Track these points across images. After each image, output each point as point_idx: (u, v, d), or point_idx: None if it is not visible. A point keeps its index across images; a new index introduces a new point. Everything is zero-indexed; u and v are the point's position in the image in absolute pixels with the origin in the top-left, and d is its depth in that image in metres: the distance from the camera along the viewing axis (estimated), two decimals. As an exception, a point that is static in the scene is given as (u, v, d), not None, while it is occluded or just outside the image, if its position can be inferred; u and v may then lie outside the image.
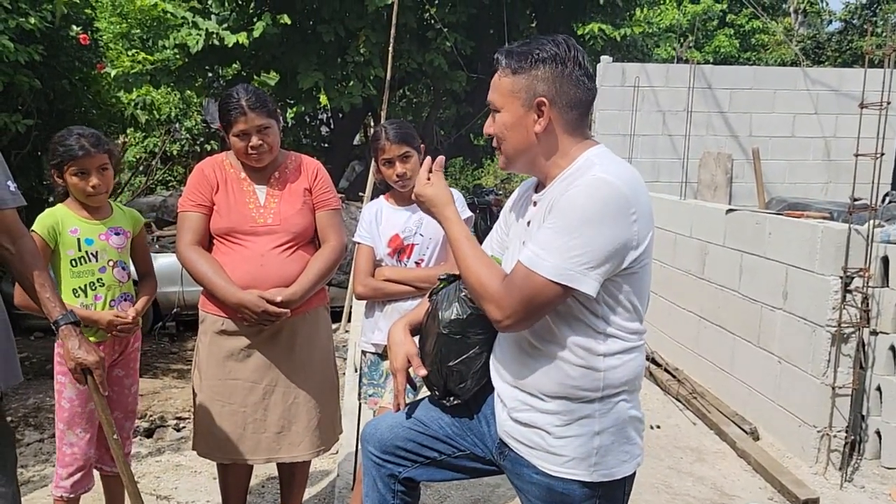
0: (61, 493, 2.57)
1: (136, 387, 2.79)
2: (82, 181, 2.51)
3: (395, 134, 2.65)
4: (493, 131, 1.71)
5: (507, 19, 9.74)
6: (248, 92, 2.50)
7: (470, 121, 11.94)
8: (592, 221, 1.50)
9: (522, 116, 1.65)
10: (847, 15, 15.71)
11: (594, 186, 1.52)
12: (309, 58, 8.95)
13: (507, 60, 1.66)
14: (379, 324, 2.72)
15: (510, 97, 1.65)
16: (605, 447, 1.63)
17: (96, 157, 2.51)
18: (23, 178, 5.71)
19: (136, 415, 2.87)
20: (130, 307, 2.64)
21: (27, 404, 4.51)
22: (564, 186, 1.59)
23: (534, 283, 1.52)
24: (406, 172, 2.65)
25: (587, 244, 1.50)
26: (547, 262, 1.51)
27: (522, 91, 1.63)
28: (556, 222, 1.53)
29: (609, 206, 1.51)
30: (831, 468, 3.67)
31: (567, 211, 1.52)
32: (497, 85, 1.68)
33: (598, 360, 1.60)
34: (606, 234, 1.51)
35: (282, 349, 2.60)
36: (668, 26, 17.39)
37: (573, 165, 1.64)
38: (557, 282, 1.51)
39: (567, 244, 1.50)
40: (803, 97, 7.94)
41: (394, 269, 2.71)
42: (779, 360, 4.02)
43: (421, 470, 1.92)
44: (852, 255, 3.58)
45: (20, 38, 4.88)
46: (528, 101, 1.63)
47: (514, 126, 1.66)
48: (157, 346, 6.08)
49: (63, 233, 2.53)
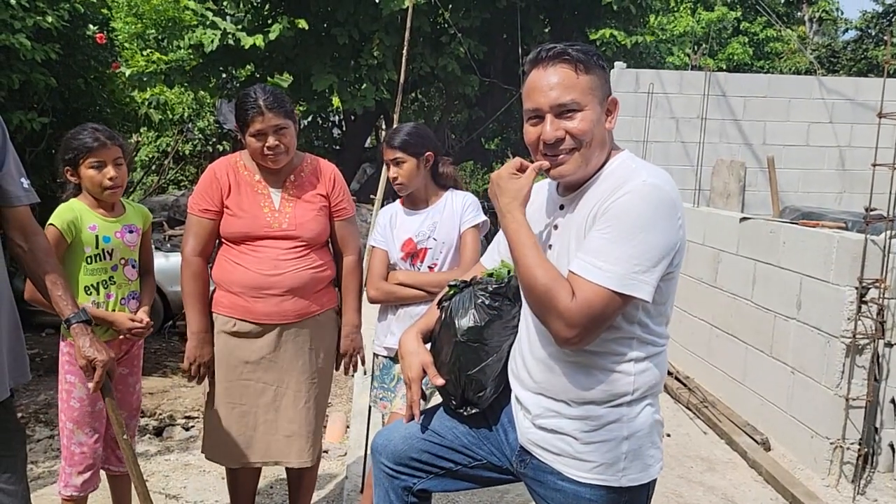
0: (71, 492, 2.56)
1: (139, 385, 2.79)
2: (99, 173, 2.50)
3: (393, 139, 2.69)
4: (578, 130, 1.58)
5: (520, 24, 9.74)
6: (266, 92, 2.49)
7: (482, 125, 11.93)
8: (648, 228, 1.49)
9: (601, 115, 1.61)
10: (863, 23, 15.63)
11: (646, 192, 1.51)
12: (323, 60, 8.98)
13: (583, 58, 1.59)
14: (392, 328, 2.72)
15: (590, 95, 1.59)
16: (633, 452, 1.61)
17: (112, 148, 2.52)
18: (37, 176, 5.74)
19: (139, 412, 2.87)
20: (137, 306, 2.65)
21: (38, 400, 4.53)
22: (607, 190, 1.56)
23: (598, 295, 1.48)
24: (397, 177, 2.68)
25: (645, 251, 1.49)
26: (609, 273, 1.47)
27: (598, 89, 1.60)
28: (611, 230, 1.50)
29: (661, 212, 1.50)
30: (844, 481, 3.64)
31: (623, 218, 1.50)
32: (575, 83, 1.58)
33: (629, 365, 1.59)
34: (661, 239, 1.50)
35: (294, 351, 2.59)
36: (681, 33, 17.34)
37: (608, 167, 1.63)
38: (621, 292, 1.48)
39: (626, 252, 1.48)
40: (818, 106, 7.90)
41: (407, 273, 2.71)
42: (792, 370, 3.99)
43: (436, 481, 1.90)
44: (868, 266, 3.55)
45: (37, 36, 4.90)
46: (602, 99, 1.61)
47: (597, 124, 1.60)
48: (166, 345, 6.10)
49: (83, 229, 2.51)
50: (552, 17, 11.03)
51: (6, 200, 1.89)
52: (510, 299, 1.79)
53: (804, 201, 7.69)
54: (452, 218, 2.71)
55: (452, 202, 2.75)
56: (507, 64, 11.19)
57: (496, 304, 1.77)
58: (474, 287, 1.80)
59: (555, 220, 1.70)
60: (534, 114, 1.63)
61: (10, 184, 1.88)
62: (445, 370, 1.81)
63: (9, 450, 1.87)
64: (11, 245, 1.96)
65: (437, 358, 1.84)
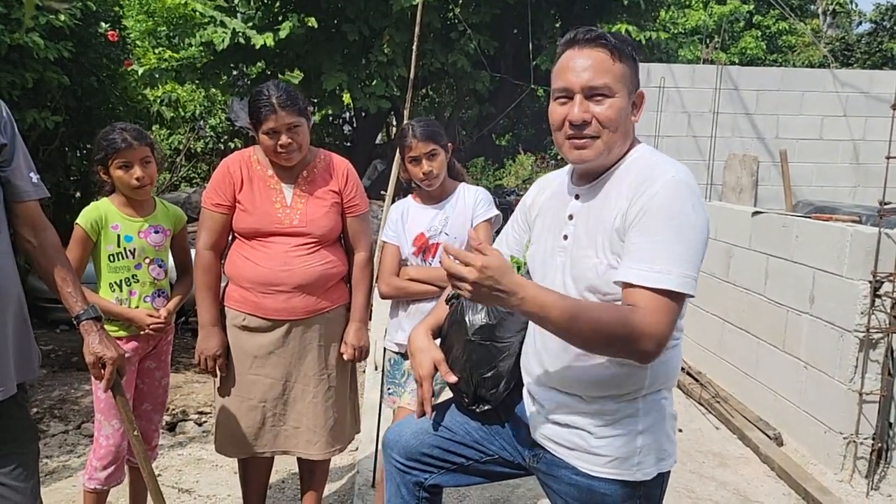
0: (95, 485, 2.59)
1: (166, 379, 2.82)
2: (126, 174, 2.56)
3: (421, 132, 2.62)
4: (605, 116, 1.56)
5: (531, 20, 9.71)
6: (280, 89, 2.48)
7: (492, 121, 11.91)
8: (690, 224, 1.50)
9: (628, 105, 1.60)
10: (877, 16, 15.47)
11: (678, 189, 1.51)
12: (333, 57, 8.98)
13: (615, 44, 1.57)
14: (402, 324, 2.71)
15: (622, 83, 1.57)
16: (648, 445, 1.60)
17: (139, 149, 2.56)
18: (50, 174, 5.79)
19: (164, 407, 2.89)
20: (164, 303, 2.68)
21: (52, 396, 4.57)
22: (632, 185, 1.55)
23: (666, 300, 1.46)
24: (432, 170, 2.62)
25: (693, 248, 1.50)
26: (669, 276, 1.46)
27: (629, 80, 1.59)
28: (658, 232, 1.49)
29: (696, 206, 1.52)
30: (857, 476, 3.61)
31: (666, 218, 1.49)
32: (609, 68, 1.56)
33: None
34: (701, 233, 1.52)
35: (303, 346, 2.60)
36: (693, 28, 17.22)
37: (628, 158, 1.62)
38: (682, 292, 1.47)
39: (678, 252, 1.48)
40: (832, 99, 7.83)
41: (418, 268, 2.70)
42: (805, 365, 3.96)
43: (447, 476, 1.90)
44: (882, 260, 3.52)
45: (50, 34, 4.94)
46: (632, 91, 1.60)
47: (625, 114, 1.59)
48: (180, 341, 6.13)
49: (106, 228, 2.58)
50: (563, 13, 10.99)
51: (16, 195, 1.89)
52: None
53: (818, 195, 7.63)
54: (465, 212, 2.69)
55: (465, 196, 2.72)
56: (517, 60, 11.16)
57: None
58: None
59: (569, 210, 1.68)
60: (563, 94, 1.60)
61: (19, 178, 1.88)
62: (457, 368, 1.80)
63: (19, 446, 1.86)
64: (21, 241, 1.96)
65: (448, 355, 1.83)
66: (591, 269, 1.57)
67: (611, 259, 1.54)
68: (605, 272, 1.55)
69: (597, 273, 1.56)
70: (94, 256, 2.61)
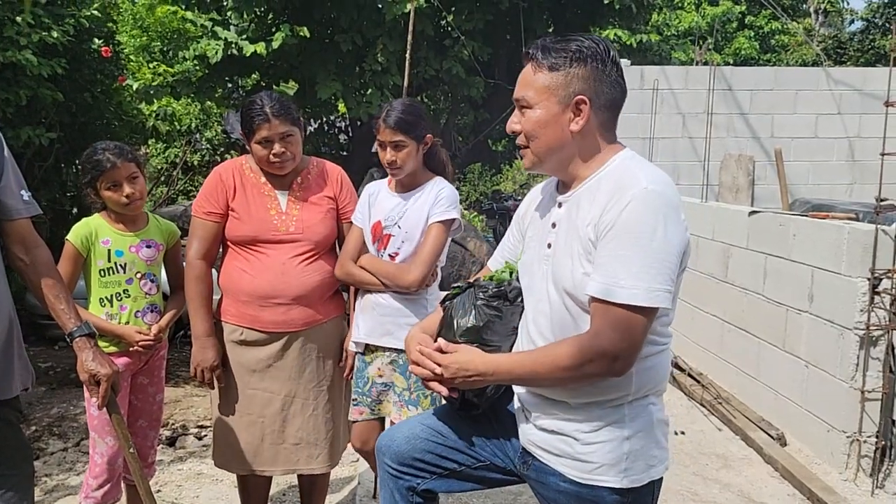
0: (91, 503, 2.57)
1: (160, 395, 2.80)
2: (116, 193, 2.55)
3: (393, 119, 2.47)
4: (524, 128, 1.62)
5: (524, 25, 9.73)
6: (272, 99, 2.48)
7: (488, 126, 11.92)
8: (658, 237, 1.47)
9: (558, 114, 1.59)
10: (869, 14, 15.53)
11: (649, 201, 1.49)
12: (327, 67, 8.99)
13: (543, 56, 1.59)
14: (358, 320, 2.61)
15: (546, 94, 1.59)
16: (636, 452, 1.59)
17: (124, 166, 2.55)
18: (45, 191, 5.78)
19: (160, 423, 2.87)
20: (156, 318, 2.66)
21: (51, 413, 4.55)
22: (605, 194, 1.54)
23: (631, 315, 1.46)
24: (396, 160, 2.48)
25: (661, 259, 1.47)
26: (634, 290, 1.45)
27: (560, 88, 1.58)
28: (623, 246, 1.48)
29: (668, 217, 1.49)
30: (861, 474, 3.59)
31: (632, 231, 1.47)
32: (530, 81, 1.60)
33: None
34: (673, 244, 1.49)
35: (302, 359, 2.58)
36: (686, 30, 17.27)
37: (605, 168, 1.61)
38: (650, 306, 1.46)
39: (644, 265, 1.46)
40: (826, 97, 7.84)
41: (370, 258, 2.56)
42: (805, 363, 3.95)
43: (440, 481, 1.89)
44: (880, 257, 3.51)
45: (43, 51, 4.94)
46: (566, 98, 1.58)
47: (547, 124, 1.60)
48: (178, 354, 6.11)
49: (96, 243, 2.58)
50: (555, 18, 11.00)
51: (6, 214, 1.88)
52: (510, 301, 1.77)
53: (814, 193, 7.62)
54: (422, 209, 2.52)
55: (429, 191, 2.56)
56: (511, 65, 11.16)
57: (496, 304, 1.76)
58: (476, 288, 1.79)
59: (553, 219, 1.69)
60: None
61: (10, 197, 1.87)
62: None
63: (11, 467, 1.83)
64: (13, 259, 1.94)
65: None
66: (569, 277, 1.57)
67: (586, 267, 1.54)
68: (580, 280, 1.55)
69: (573, 281, 1.56)
70: (84, 272, 2.60)
